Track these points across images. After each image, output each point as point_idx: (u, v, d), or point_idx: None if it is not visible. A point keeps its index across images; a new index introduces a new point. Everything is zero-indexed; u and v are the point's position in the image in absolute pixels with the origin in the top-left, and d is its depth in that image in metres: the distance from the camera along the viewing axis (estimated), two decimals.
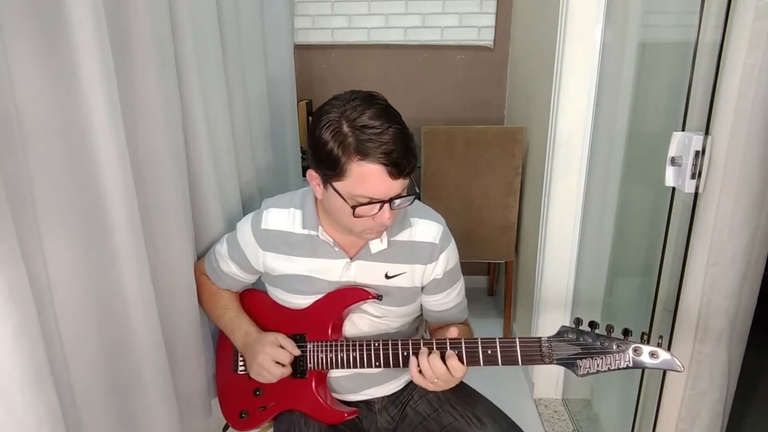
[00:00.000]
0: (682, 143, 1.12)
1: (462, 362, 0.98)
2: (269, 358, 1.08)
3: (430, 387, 1.00)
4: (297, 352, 1.10)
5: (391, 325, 1.15)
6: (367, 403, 1.22)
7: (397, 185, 0.94)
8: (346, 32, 2.60)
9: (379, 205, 0.95)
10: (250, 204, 1.51)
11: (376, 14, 2.57)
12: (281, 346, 1.09)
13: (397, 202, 0.97)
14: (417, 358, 1.00)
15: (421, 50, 2.63)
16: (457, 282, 1.19)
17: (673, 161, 1.14)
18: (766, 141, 1.00)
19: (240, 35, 1.44)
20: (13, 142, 0.74)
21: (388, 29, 2.59)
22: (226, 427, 1.29)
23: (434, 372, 0.98)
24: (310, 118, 2.52)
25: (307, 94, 2.61)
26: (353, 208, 0.95)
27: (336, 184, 0.95)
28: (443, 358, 0.98)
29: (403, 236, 1.11)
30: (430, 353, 0.99)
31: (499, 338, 0.98)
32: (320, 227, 1.09)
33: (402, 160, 0.91)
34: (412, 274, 1.12)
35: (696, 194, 1.12)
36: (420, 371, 0.99)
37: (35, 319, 0.74)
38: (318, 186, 1.01)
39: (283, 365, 1.08)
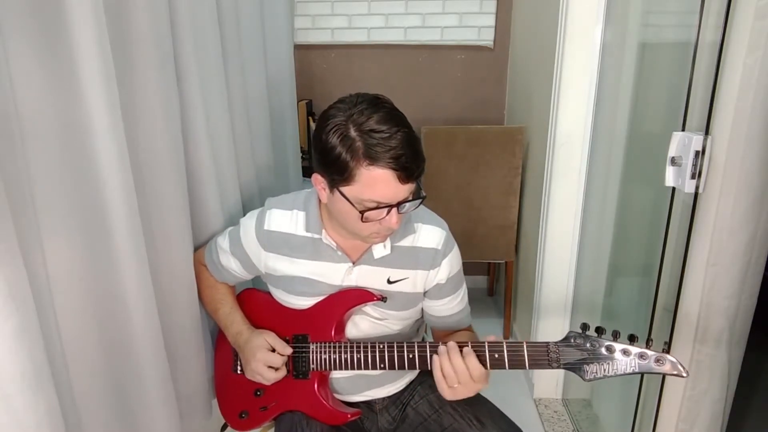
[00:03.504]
0: (682, 143, 1.12)
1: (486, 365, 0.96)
2: (262, 364, 1.08)
3: (448, 394, 0.98)
4: (288, 351, 1.10)
5: (392, 327, 1.15)
6: (368, 404, 1.22)
7: (405, 189, 0.94)
8: (346, 32, 2.60)
9: (386, 209, 0.95)
10: (250, 204, 1.51)
11: (376, 14, 2.57)
12: (272, 349, 1.09)
13: (405, 206, 0.97)
14: (439, 358, 0.98)
15: (421, 50, 2.63)
16: (460, 288, 1.18)
17: (673, 161, 1.14)
18: (766, 141, 1.00)
19: (240, 35, 1.44)
20: (13, 142, 0.74)
21: (388, 29, 2.58)
22: (224, 427, 1.29)
23: (455, 370, 0.95)
24: (311, 118, 2.53)
25: (307, 94, 2.60)
26: (362, 213, 0.94)
27: (343, 189, 0.94)
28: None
29: (407, 242, 1.11)
30: (449, 352, 0.97)
31: (507, 342, 0.98)
32: (323, 230, 1.09)
33: (411, 164, 0.91)
34: (414, 280, 1.12)
35: (696, 194, 1.12)
36: (443, 373, 0.97)
37: (35, 319, 0.74)
38: (324, 190, 1.00)
39: (276, 369, 1.09)
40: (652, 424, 1.31)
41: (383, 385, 1.21)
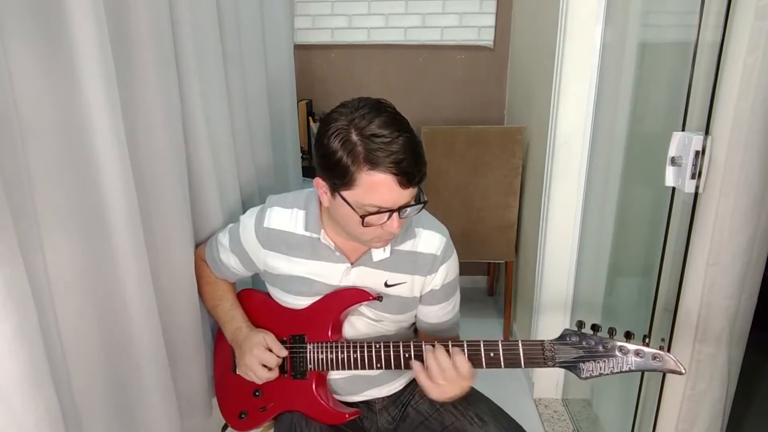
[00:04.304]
0: (682, 143, 1.12)
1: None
2: (256, 361, 1.08)
3: (434, 393, 0.98)
4: (284, 353, 1.10)
5: (388, 329, 1.15)
6: (368, 404, 1.22)
7: (407, 194, 0.94)
8: (346, 32, 2.60)
9: (387, 214, 0.94)
10: (250, 204, 1.51)
11: (376, 14, 2.57)
12: (269, 348, 1.10)
13: (407, 211, 0.96)
14: (421, 359, 0.99)
15: (421, 50, 2.63)
16: (453, 296, 1.18)
17: (673, 161, 1.14)
18: (766, 141, 1.00)
19: (240, 35, 1.44)
20: (13, 142, 0.74)
21: (388, 29, 2.59)
22: (225, 427, 1.29)
23: (440, 365, 0.96)
24: (311, 118, 2.53)
25: (307, 94, 2.60)
26: (362, 217, 0.94)
27: (344, 193, 0.94)
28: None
29: (407, 246, 1.11)
30: (435, 350, 0.97)
31: (502, 340, 0.98)
32: (322, 230, 1.09)
33: (412, 169, 0.91)
34: (411, 285, 1.12)
35: (696, 194, 1.12)
36: (426, 370, 0.97)
37: (35, 319, 0.74)
38: (325, 194, 1.00)
39: (269, 368, 1.09)
40: (652, 424, 1.31)
41: (382, 385, 1.21)
